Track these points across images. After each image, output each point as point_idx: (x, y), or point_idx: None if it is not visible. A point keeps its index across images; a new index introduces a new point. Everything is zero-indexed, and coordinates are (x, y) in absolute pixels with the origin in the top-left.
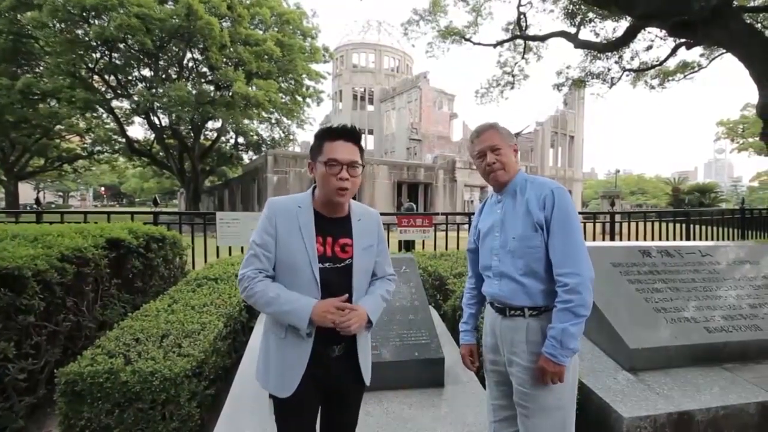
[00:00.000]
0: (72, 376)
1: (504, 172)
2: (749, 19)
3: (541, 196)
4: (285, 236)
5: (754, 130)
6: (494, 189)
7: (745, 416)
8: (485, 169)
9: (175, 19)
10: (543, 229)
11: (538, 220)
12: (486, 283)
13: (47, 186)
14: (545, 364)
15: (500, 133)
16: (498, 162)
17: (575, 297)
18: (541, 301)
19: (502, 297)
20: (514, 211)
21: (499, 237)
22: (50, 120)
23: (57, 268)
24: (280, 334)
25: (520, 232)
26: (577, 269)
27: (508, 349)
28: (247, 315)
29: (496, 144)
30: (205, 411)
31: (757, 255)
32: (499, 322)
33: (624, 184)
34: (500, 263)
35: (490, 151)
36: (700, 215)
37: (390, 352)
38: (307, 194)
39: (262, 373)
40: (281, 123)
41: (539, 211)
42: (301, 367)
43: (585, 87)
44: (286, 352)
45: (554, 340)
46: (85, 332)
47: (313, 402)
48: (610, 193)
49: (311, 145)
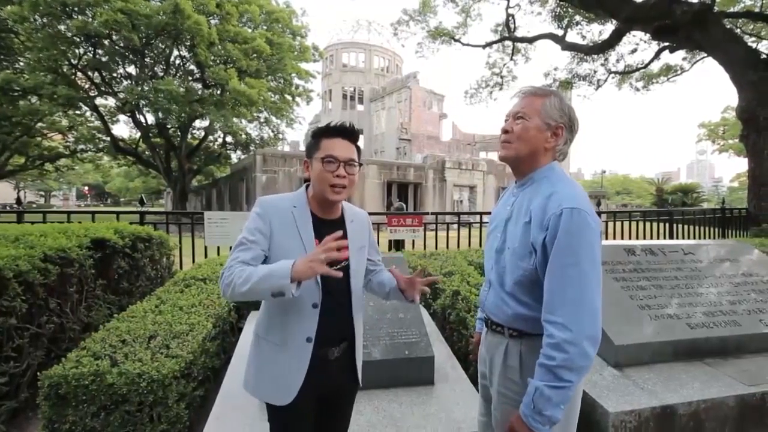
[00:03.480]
0: (56, 379)
1: (513, 147)
2: (729, 24)
3: (546, 213)
4: (281, 236)
5: (734, 132)
6: (513, 174)
7: (724, 409)
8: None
9: (161, 15)
10: (536, 253)
11: (533, 240)
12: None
13: (28, 185)
14: (515, 423)
15: (541, 101)
16: (512, 132)
17: (559, 355)
18: (518, 325)
19: (489, 308)
20: (522, 215)
21: (501, 239)
22: (31, 117)
23: (39, 269)
24: (277, 340)
25: (517, 245)
26: (569, 321)
27: (488, 365)
28: (236, 315)
29: (524, 111)
30: (193, 412)
31: (736, 253)
32: (485, 334)
33: (610, 184)
34: (492, 270)
35: (512, 116)
36: (683, 214)
37: (380, 351)
38: (300, 194)
39: (252, 382)
40: (270, 122)
41: (539, 229)
42: (301, 373)
43: (572, 88)
44: (283, 358)
45: (528, 398)
46: (69, 334)
47: (310, 406)
48: (596, 194)
49: (307, 143)
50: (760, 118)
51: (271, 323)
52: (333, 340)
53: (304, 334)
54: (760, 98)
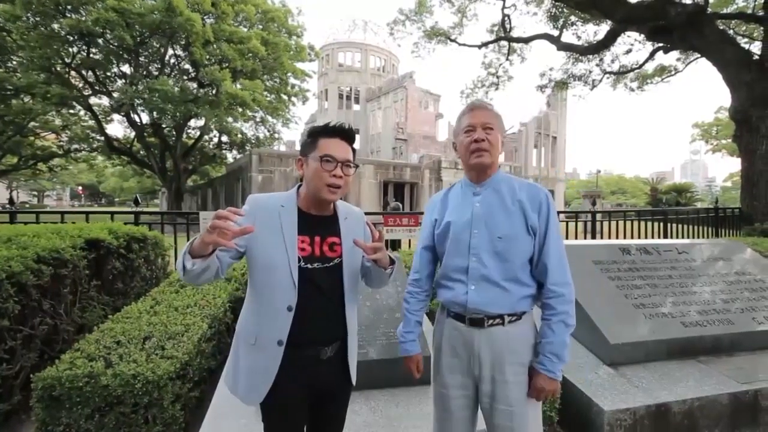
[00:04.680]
0: (49, 381)
1: (490, 155)
2: (722, 25)
3: (535, 199)
4: (263, 234)
5: (727, 132)
6: (471, 177)
7: (718, 407)
8: (470, 146)
9: (155, 14)
10: (535, 234)
11: (533, 224)
12: (448, 290)
13: (21, 185)
14: (544, 383)
15: (496, 116)
16: (487, 141)
17: (569, 308)
18: (521, 307)
19: (479, 305)
20: (501, 208)
21: (479, 234)
22: (24, 116)
23: (33, 270)
24: (250, 339)
25: (507, 231)
26: (569, 279)
27: (489, 367)
28: (232, 316)
29: (490, 123)
30: (189, 413)
31: (729, 252)
32: (475, 337)
33: (605, 184)
34: (481, 265)
35: (481, 127)
36: (677, 214)
37: (377, 350)
38: (291, 193)
39: (230, 377)
40: (266, 121)
41: (534, 213)
42: (270, 374)
43: (567, 89)
44: (255, 357)
45: (553, 355)
46: (63, 336)
47: (302, 406)
48: (591, 193)
49: (303, 142)
50: (753, 119)
51: (247, 323)
52: (323, 340)
53: (276, 336)
54: (754, 99)
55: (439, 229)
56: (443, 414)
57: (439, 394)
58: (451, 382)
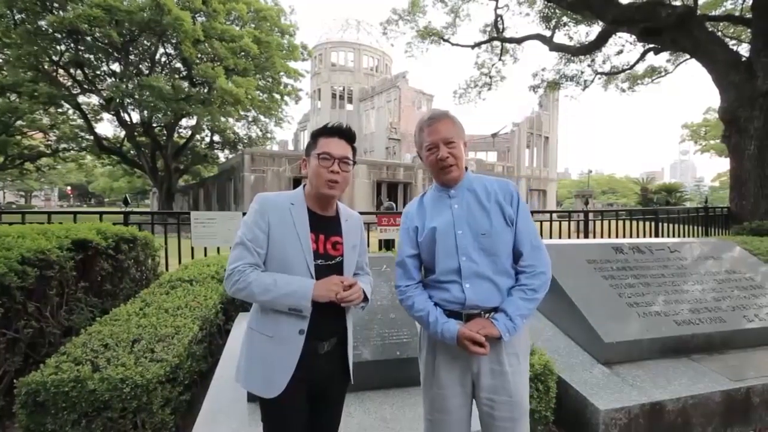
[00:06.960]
0: (33, 386)
1: (457, 168)
2: (711, 27)
3: (507, 192)
4: (278, 232)
5: (715, 132)
6: (443, 184)
7: (711, 404)
8: (436, 164)
9: (145, 12)
10: (512, 224)
11: (509, 215)
12: (444, 291)
13: (7, 185)
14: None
15: (455, 125)
16: (452, 157)
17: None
18: (506, 296)
19: (477, 300)
20: (479, 206)
21: (464, 234)
22: (10, 115)
23: (17, 272)
24: (268, 332)
25: (488, 228)
26: (541, 257)
27: (487, 360)
28: (224, 317)
29: (450, 137)
30: (179, 417)
31: (719, 251)
32: None
33: (596, 183)
34: (472, 263)
35: (443, 143)
36: (667, 213)
37: (371, 351)
38: (298, 192)
39: (243, 373)
40: (258, 121)
41: (508, 206)
42: (290, 366)
43: (559, 89)
44: (274, 351)
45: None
46: (48, 339)
47: (302, 401)
48: (583, 193)
49: (307, 143)
50: (742, 119)
51: (264, 317)
52: (324, 335)
53: (297, 326)
54: (742, 100)
55: (423, 237)
56: (440, 415)
57: (435, 395)
58: (449, 382)
